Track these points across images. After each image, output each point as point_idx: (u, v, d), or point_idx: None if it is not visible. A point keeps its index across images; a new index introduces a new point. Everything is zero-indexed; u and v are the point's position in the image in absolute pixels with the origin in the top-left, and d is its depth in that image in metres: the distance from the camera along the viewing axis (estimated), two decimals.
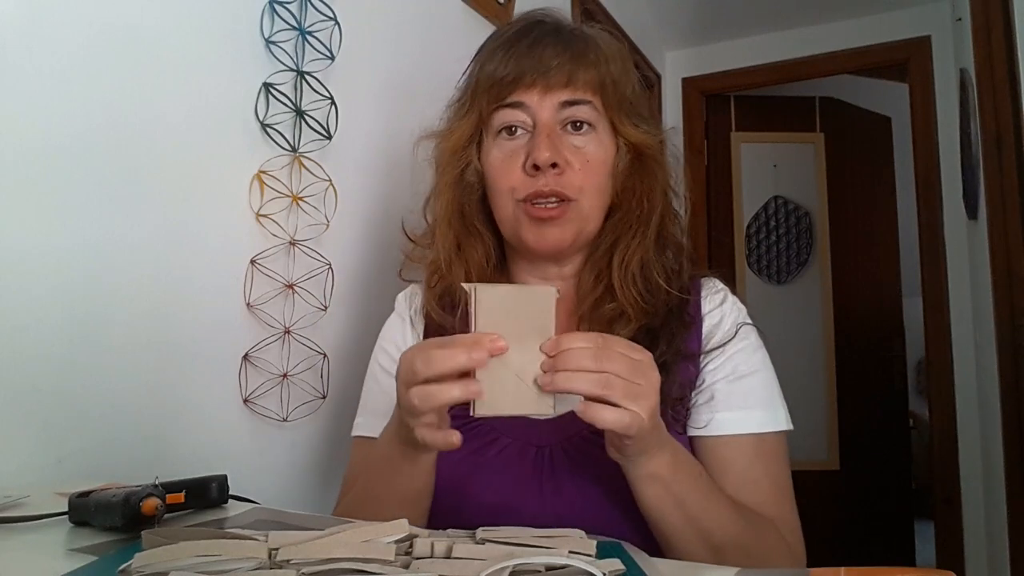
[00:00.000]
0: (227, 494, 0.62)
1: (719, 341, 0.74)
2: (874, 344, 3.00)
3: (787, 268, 3.04)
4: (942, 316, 2.53)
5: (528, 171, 0.73)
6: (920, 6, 2.63)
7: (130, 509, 0.49)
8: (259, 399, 0.95)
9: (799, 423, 0.74)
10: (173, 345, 0.85)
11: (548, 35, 0.74)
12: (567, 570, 0.39)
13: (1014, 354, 1.72)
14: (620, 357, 0.52)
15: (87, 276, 0.76)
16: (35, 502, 0.59)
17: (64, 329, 0.74)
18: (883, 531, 2.89)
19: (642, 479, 0.59)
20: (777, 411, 0.73)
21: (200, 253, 0.89)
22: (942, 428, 2.50)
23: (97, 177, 0.77)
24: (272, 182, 0.97)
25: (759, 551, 0.63)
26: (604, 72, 0.74)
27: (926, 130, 2.60)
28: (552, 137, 0.72)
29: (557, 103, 0.73)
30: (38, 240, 0.72)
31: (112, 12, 0.79)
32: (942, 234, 2.55)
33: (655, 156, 0.77)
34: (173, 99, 0.85)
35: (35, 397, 0.71)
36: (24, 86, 0.71)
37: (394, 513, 0.64)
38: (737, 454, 0.70)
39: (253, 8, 0.95)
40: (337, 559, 0.39)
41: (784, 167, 3.08)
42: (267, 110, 0.96)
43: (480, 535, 0.45)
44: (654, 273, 0.75)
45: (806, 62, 2.83)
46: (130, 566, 0.39)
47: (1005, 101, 1.69)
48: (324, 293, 1.04)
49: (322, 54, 1.04)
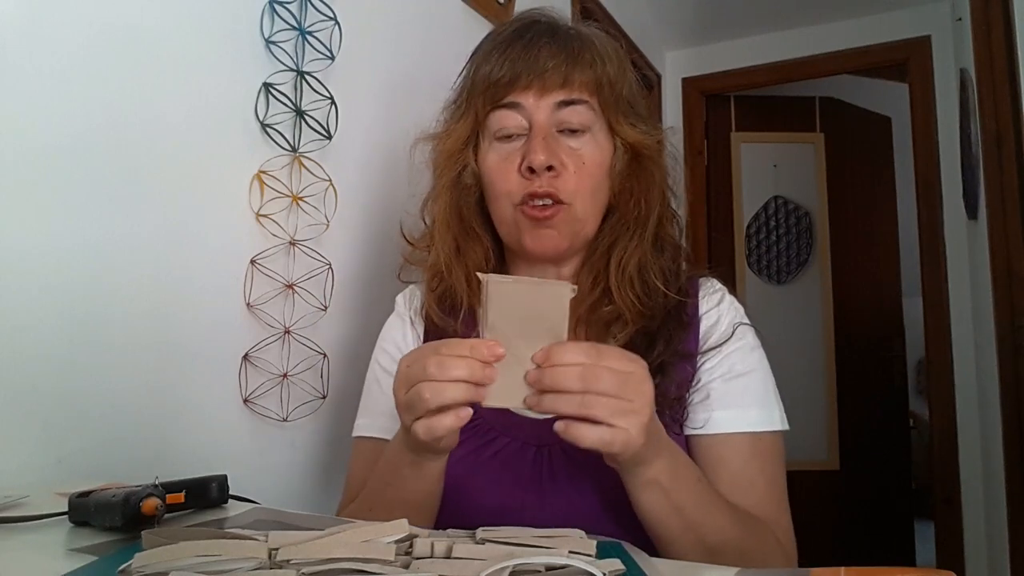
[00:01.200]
0: (227, 494, 0.62)
1: (716, 341, 0.74)
2: (874, 344, 3.00)
3: (787, 268, 3.04)
4: (942, 316, 2.53)
5: (524, 173, 0.73)
6: (920, 6, 2.63)
7: (130, 509, 0.49)
8: (259, 399, 0.95)
9: (799, 423, 0.74)
10: (173, 345, 0.85)
11: (544, 35, 0.74)
12: (567, 570, 0.39)
13: (1014, 354, 1.72)
14: (609, 374, 0.51)
15: (87, 276, 0.76)
16: (35, 502, 0.59)
17: (64, 329, 0.74)
18: (883, 531, 2.89)
19: (639, 486, 0.59)
20: (773, 411, 0.72)
21: (200, 253, 0.89)
22: (942, 428, 2.50)
23: (97, 177, 0.77)
24: (272, 182, 0.97)
25: (755, 554, 0.63)
26: (600, 72, 0.74)
27: (926, 130, 2.60)
28: (548, 139, 0.72)
29: (553, 104, 0.73)
30: (38, 240, 0.72)
31: (112, 12, 0.79)
32: (942, 234, 2.55)
33: (652, 156, 0.77)
34: (173, 99, 0.85)
35: (35, 397, 0.71)
36: (24, 86, 0.71)
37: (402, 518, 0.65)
38: (733, 453, 0.70)
39: (253, 8, 0.95)
40: (337, 559, 0.39)
41: (784, 167, 3.08)
42: (267, 110, 0.96)
43: (480, 535, 0.45)
44: (651, 275, 0.75)
45: (806, 62, 2.83)
46: (130, 566, 0.39)
47: (1005, 101, 1.69)
48: (324, 293, 1.04)
49: (322, 54, 1.04)
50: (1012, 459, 1.74)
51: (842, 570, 0.38)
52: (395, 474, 0.64)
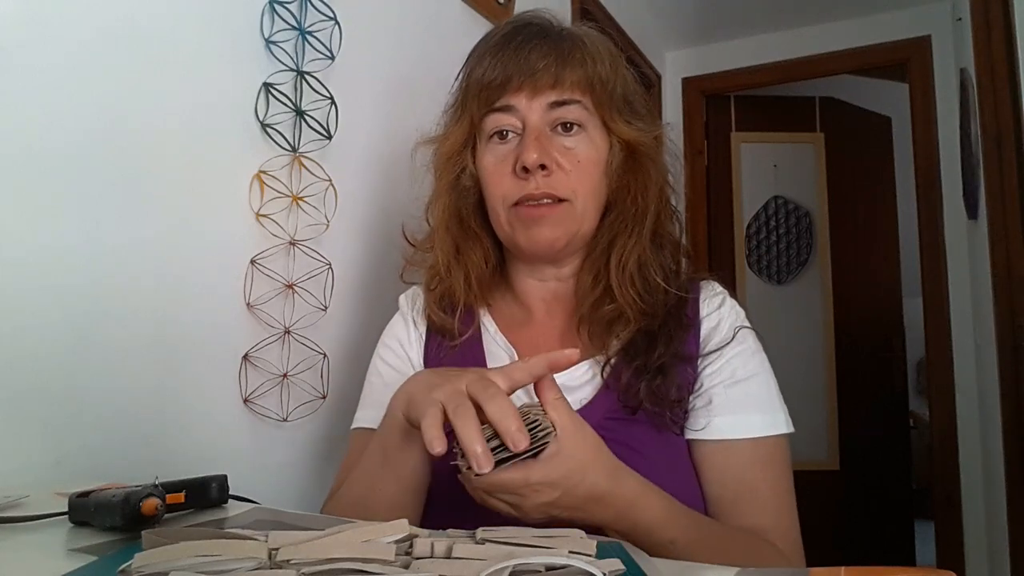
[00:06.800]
0: (227, 494, 0.62)
1: (717, 344, 0.74)
2: (874, 344, 3.00)
3: (787, 268, 3.04)
4: (942, 316, 2.53)
5: (518, 174, 0.73)
6: (920, 6, 2.63)
7: (130, 509, 0.49)
8: (259, 399, 0.95)
9: (799, 423, 0.73)
10: (173, 345, 0.85)
11: (535, 37, 0.74)
12: (567, 570, 0.39)
13: (1014, 354, 1.72)
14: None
15: (87, 276, 0.76)
16: (35, 502, 0.59)
17: (64, 329, 0.74)
18: (883, 531, 2.89)
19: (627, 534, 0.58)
20: (776, 415, 0.72)
21: (200, 253, 0.88)
22: (942, 428, 2.50)
23: (96, 177, 0.77)
24: (272, 182, 0.97)
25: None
26: (592, 71, 0.74)
27: (926, 130, 2.60)
28: (541, 139, 0.72)
29: (546, 104, 0.73)
30: (38, 240, 0.72)
31: (112, 12, 0.78)
32: (942, 234, 2.55)
33: (649, 153, 0.77)
34: (173, 99, 0.85)
35: (35, 397, 0.71)
36: (24, 86, 0.71)
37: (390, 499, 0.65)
38: (734, 459, 0.70)
39: (253, 8, 0.95)
40: (337, 559, 0.39)
41: (784, 167, 3.08)
42: (267, 110, 0.96)
43: (480, 535, 0.45)
44: (652, 272, 0.75)
45: (806, 62, 2.83)
46: (130, 566, 0.39)
47: (1005, 101, 1.69)
48: (324, 293, 1.04)
49: (322, 54, 1.04)
50: (1012, 459, 1.74)
51: (842, 570, 0.38)
52: (383, 455, 0.65)
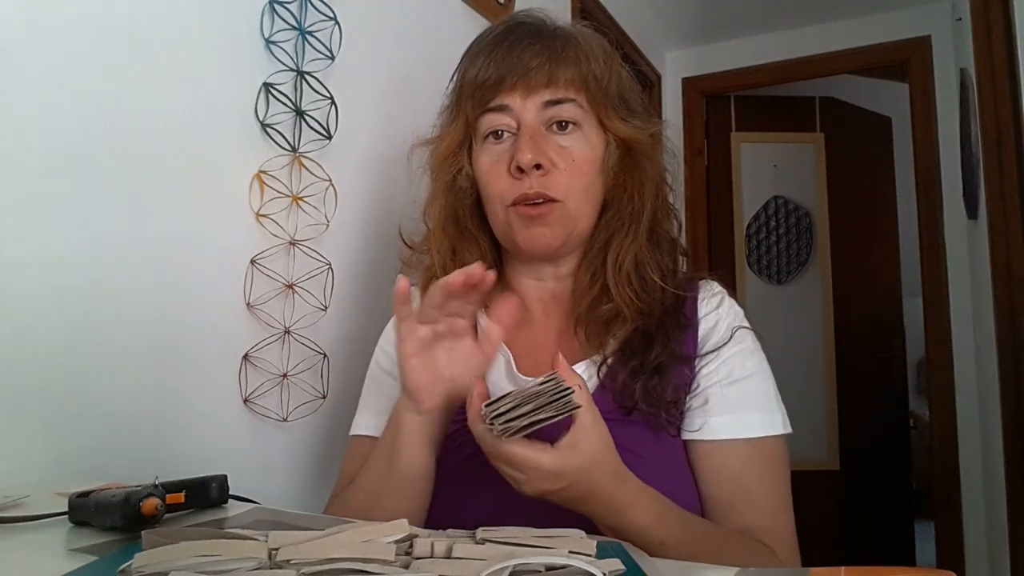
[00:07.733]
0: (227, 494, 0.62)
1: (714, 345, 0.74)
2: (874, 344, 3.00)
3: (787, 268, 3.04)
4: (942, 316, 2.53)
5: (513, 173, 0.73)
6: (920, 6, 2.63)
7: (130, 509, 0.49)
8: (259, 399, 0.95)
9: (799, 423, 0.73)
10: (173, 345, 0.85)
11: (528, 36, 0.74)
12: (567, 570, 0.39)
13: (1014, 354, 1.72)
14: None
15: (87, 276, 0.76)
16: (35, 502, 0.59)
17: (64, 329, 0.74)
18: (883, 531, 2.89)
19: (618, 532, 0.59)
20: (774, 415, 0.72)
21: (200, 253, 0.88)
22: (942, 428, 2.50)
23: (96, 177, 0.77)
24: (272, 182, 0.97)
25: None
26: (586, 69, 0.74)
27: (926, 130, 2.60)
28: (535, 138, 0.72)
29: (540, 103, 0.73)
30: (38, 239, 0.72)
31: (112, 12, 0.78)
32: (942, 234, 2.55)
33: (645, 151, 0.77)
34: (173, 99, 0.85)
35: (35, 397, 0.71)
36: (24, 86, 0.71)
37: (394, 501, 0.65)
38: (730, 460, 0.69)
39: (253, 8, 0.95)
40: (337, 559, 0.39)
41: (784, 167, 3.08)
42: (267, 110, 0.96)
43: (480, 535, 0.45)
44: (648, 270, 0.75)
45: (806, 62, 2.83)
46: (130, 566, 0.39)
47: (1005, 101, 1.69)
48: (324, 293, 1.04)
49: (322, 54, 1.04)
50: (1012, 459, 1.74)
51: (842, 570, 0.38)
52: (388, 449, 0.67)
